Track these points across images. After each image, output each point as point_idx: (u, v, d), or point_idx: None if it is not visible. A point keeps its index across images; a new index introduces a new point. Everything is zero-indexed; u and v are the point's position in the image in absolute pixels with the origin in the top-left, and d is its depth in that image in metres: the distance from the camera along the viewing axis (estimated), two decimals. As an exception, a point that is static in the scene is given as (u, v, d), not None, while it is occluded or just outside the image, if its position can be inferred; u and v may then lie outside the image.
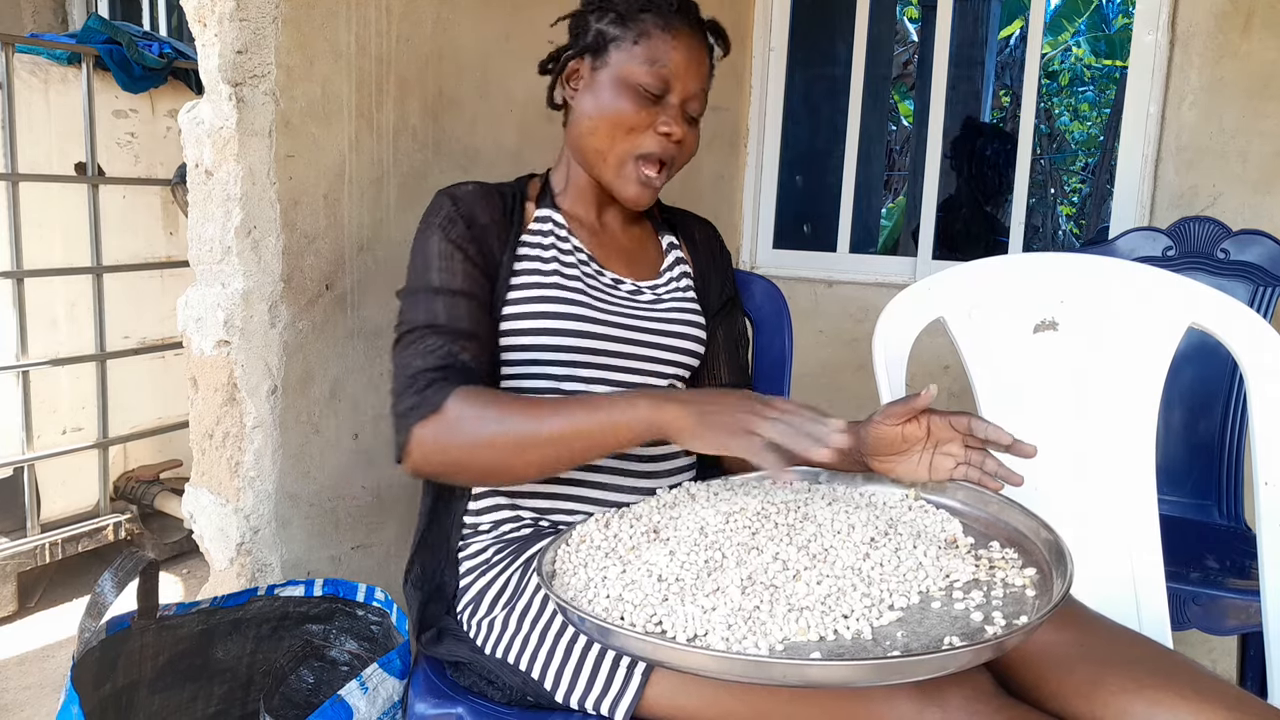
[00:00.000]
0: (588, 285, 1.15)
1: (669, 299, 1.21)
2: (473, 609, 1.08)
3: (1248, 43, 1.93)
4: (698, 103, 1.14)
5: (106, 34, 2.31)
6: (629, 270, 1.21)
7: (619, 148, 1.12)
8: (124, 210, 2.42)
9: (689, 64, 1.11)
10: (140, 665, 1.20)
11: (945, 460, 0.99)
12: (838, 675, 0.71)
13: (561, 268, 1.14)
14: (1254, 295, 1.73)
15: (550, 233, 1.17)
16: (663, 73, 1.10)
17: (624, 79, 1.11)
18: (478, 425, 0.96)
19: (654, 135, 1.12)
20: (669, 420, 0.92)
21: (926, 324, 1.24)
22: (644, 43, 1.11)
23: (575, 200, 1.22)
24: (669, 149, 1.13)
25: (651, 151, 1.12)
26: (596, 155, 1.14)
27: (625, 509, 1.02)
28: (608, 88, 1.12)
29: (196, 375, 1.41)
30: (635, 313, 1.17)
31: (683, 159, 1.17)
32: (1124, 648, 0.89)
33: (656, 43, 1.10)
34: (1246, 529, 1.73)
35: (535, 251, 1.15)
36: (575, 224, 1.21)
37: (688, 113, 1.14)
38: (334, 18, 1.38)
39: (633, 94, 1.11)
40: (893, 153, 9.27)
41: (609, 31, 1.13)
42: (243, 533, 1.37)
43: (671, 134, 1.11)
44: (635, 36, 1.11)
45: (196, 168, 1.37)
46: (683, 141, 1.13)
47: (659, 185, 1.15)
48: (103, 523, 2.40)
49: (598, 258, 1.19)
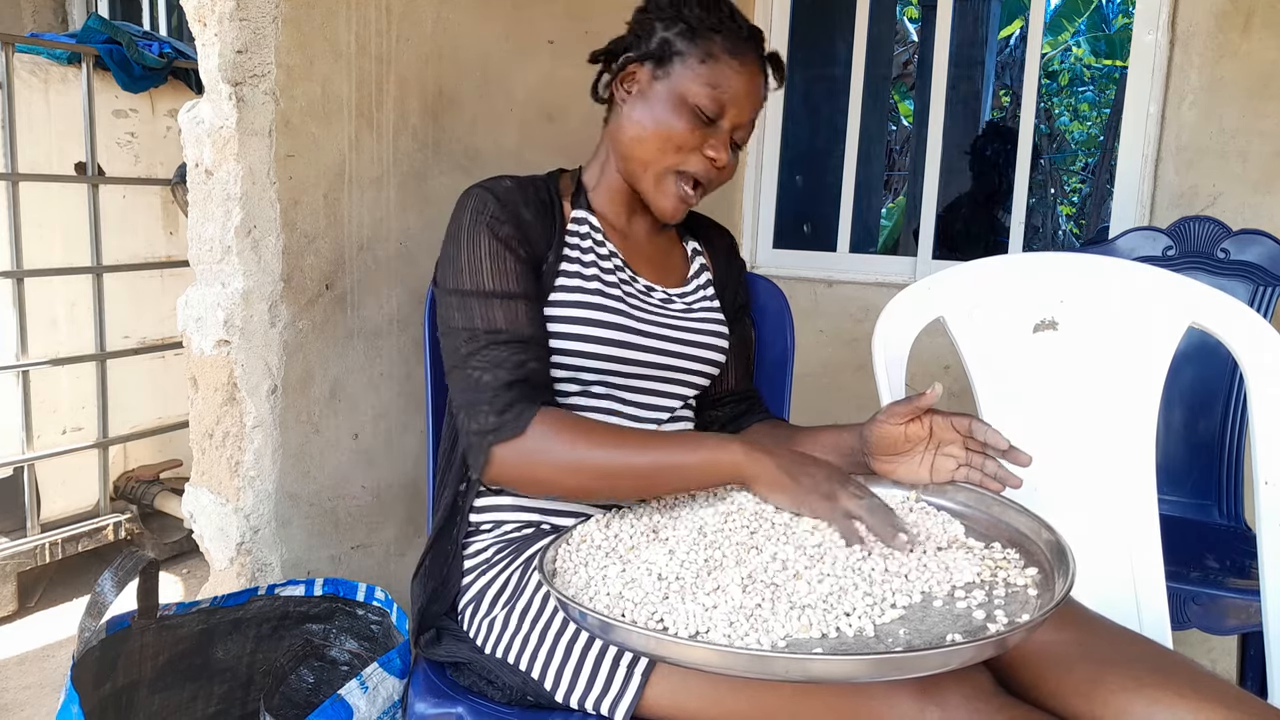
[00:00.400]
0: (625, 294, 1.14)
1: (698, 308, 1.21)
2: (473, 608, 1.08)
3: (1248, 42, 1.92)
4: (745, 132, 1.14)
5: (106, 34, 2.31)
6: (658, 277, 1.21)
7: (664, 162, 1.12)
8: (124, 210, 2.42)
9: (747, 93, 1.11)
10: (140, 665, 1.20)
11: (946, 462, 1.00)
12: (840, 670, 0.71)
13: (601, 273, 1.13)
14: (1254, 295, 1.73)
15: (587, 235, 1.16)
16: (722, 98, 1.09)
17: (682, 96, 1.09)
18: (567, 452, 0.98)
19: (700, 157, 1.11)
20: (759, 471, 0.95)
21: (926, 323, 1.24)
22: (710, 64, 1.09)
23: (607, 201, 1.21)
24: (711, 173, 1.13)
25: (695, 172, 1.12)
26: (640, 165, 1.13)
27: (625, 509, 1.03)
28: (664, 101, 1.10)
29: (196, 375, 1.41)
30: (669, 322, 1.16)
31: (719, 182, 1.17)
32: (1123, 647, 0.89)
33: (722, 67, 1.09)
34: (1246, 529, 1.73)
35: (576, 254, 1.14)
36: (608, 226, 1.20)
37: (734, 139, 1.14)
38: (334, 17, 1.38)
39: (689, 113, 1.10)
40: (893, 153, 9.27)
41: (676, 44, 1.11)
42: (243, 532, 1.37)
43: (717, 160, 1.11)
44: (702, 56, 1.09)
45: (196, 167, 1.37)
46: (725, 168, 1.14)
47: (694, 203, 1.16)
48: (103, 522, 2.40)
49: (629, 263, 1.19)
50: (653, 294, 1.18)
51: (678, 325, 1.17)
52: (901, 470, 1.02)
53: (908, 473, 1.01)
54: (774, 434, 1.18)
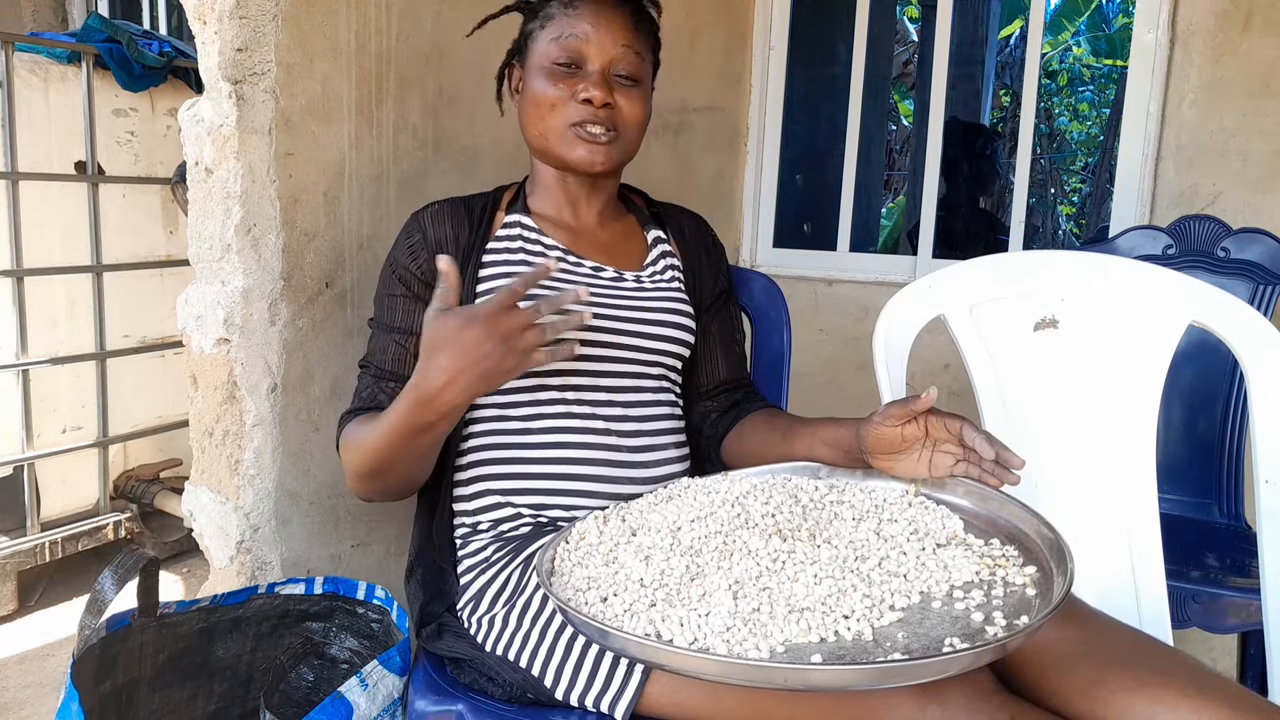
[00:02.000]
0: (562, 276, 1.15)
1: (652, 286, 1.21)
2: (473, 606, 1.08)
3: (1248, 41, 1.93)
4: (626, 63, 1.14)
5: (106, 33, 2.31)
6: (610, 260, 1.21)
7: (550, 125, 1.14)
8: (124, 209, 2.42)
9: (599, 28, 1.12)
10: (140, 663, 1.19)
11: (945, 458, 0.99)
12: (840, 679, 0.71)
13: (530, 261, 1.15)
14: (1254, 294, 1.72)
15: (518, 236, 1.18)
16: (570, 44, 1.12)
17: (540, 64, 1.14)
18: (351, 455, 1.07)
19: (576, 104, 1.12)
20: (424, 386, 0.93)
21: (927, 321, 1.24)
22: (549, 25, 1.14)
23: (546, 200, 1.23)
24: (597, 114, 1.12)
25: (580, 119, 1.13)
26: (539, 141, 1.17)
27: (625, 504, 1.02)
28: (531, 78, 1.15)
29: (196, 373, 1.41)
30: (617, 299, 1.16)
31: (628, 123, 1.15)
32: (1125, 645, 0.89)
33: (560, 20, 1.13)
34: (1247, 527, 1.73)
35: (501, 257, 1.16)
36: (549, 224, 1.21)
37: (618, 77, 1.14)
38: (334, 15, 1.38)
39: (549, 74, 1.13)
40: (893, 152, 9.27)
41: (527, 28, 1.18)
42: (242, 531, 1.37)
43: (591, 98, 1.11)
44: (543, 22, 1.15)
45: (196, 165, 1.37)
46: (611, 105, 1.13)
47: (606, 142, 1.14)
48: (102, 521, 2.40)
49: (576, 250, 1.20)
50: (601, 274, 1.19)
51: (629, 302, 1.17)
52: (900, 467, 1.01)
53: (906, 469, 1.01)
54: (772, 424, 1.18)
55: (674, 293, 1.22)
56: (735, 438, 1.22)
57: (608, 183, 1.23)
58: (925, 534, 0.92)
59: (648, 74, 1.19)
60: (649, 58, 1.19)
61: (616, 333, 1.14)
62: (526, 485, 1.10)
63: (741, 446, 1.20)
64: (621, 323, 1.14)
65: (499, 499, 1.12)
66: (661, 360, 1.18)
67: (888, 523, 0.94)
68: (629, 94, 1.15)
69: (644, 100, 1.17)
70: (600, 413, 1.12)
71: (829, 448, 1.07)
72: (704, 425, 1.26)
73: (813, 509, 0.97)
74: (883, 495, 1.01)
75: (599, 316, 1.13)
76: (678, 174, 2.31)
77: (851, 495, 1.01)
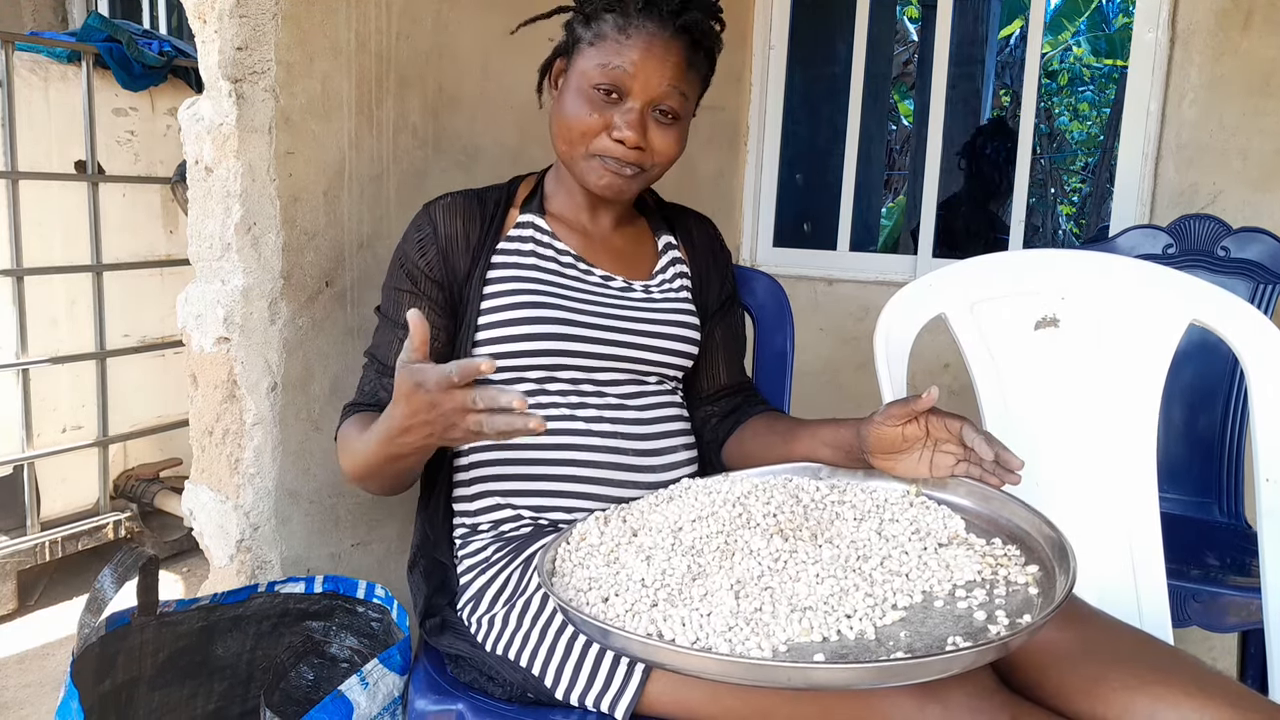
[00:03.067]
0: (570, 282, 1.15)
1: (660, 296, 1.20)
2: (473, 606, 1.08)
3: (1248, 40, 1.92)
4: (671, 100, 1.09)
5: (106, 32, 2.31)
6: (620, 269, 1.20)
7: (578, 148, 1.11)
8: (124, 208, 2.42)
9: (648, 62, 1.06)
10: (140, 661, 1.19)
11: (946, 458, 0.99)
12: (842, 678, 0.71)
13: (541, 270, 1.14)
14: (1254, 293, 1.72)
15: (530, 238, 1.17)
16: (615, 74, 1.07)
17: (581, 81, 1.09)
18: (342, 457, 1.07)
19: (607, 139, 1.09)
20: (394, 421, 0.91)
21: (928, 320, 1.24)
22: (599, 44, 1.08)
23: (565, 201, 1.21)
24: (627, 154, 1.09)
25: (608, 155, 1.09)
26: (564, 154, 1.14)
27: (626, 505, 1.02)
28: (571, 89, 1.11)
29: (196, 372, 1.41)
30: (623, 310, 1.16)
31: (660, 160, 1.12)
32: (1126, 644, 0.89)
33: (610, 44, 1.07)
34: (1247, 527, 1.73)
35: (512, 259, 1.15)
36: (563, 226, 1.20)
37: (658, 112, 1.10)
38: (334, 14, 1.38)
39: (587, 97, 1.08)
40: (893, 152, 9.26)
41: (577, 31, 1.12)
42: (242, 530, 1.37)
43: (625, 139, 1.07)
44: (592, 38, 1.09)
45: (196, 164, 1.36)
46: (642, 146, 1.09)
47: (630, 174, 1.11)
48: (102, 521, 2.40)
49: (587, 258, 1.19)
50: (610, 283, 1.18)
51: (634, 313, 1.16)
52: (901, 467, 1.01)
53: (907, 469, 1.01)
54: (772, 427, 1.18)
55: (681, 302, 1.22)
56: (736, 441, 1.22)
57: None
58: (927, 533, 0.92)
59: (690, 110, 1.15)
60: (696, 93, 1.14)
61: (622, 345, 1.14)
62: (528, 487, 1.10)
63: (742, 450, 1.20)
64: (627, 335, 1.14)
65: (499, 500, 1.11)
66: (665, 370, 1.19)
67: (889, 522, 0.94)
68: (665, 130, 1.11)
69: (680, 137, 1.13)
70: (607, 415, 1.12)
71: (830, 448, 1.07)
72: (705, 430, 1.26)
73: (814, 509, 0.97)
74: (884, 495, 1.01)
75: (605, 329, 1.13)
76: (678, 173, 2.28)
77: (853, 495, 1.01)
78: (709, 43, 1.13)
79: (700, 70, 1.14)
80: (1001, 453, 0.92)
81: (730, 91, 2.46)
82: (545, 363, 1.11)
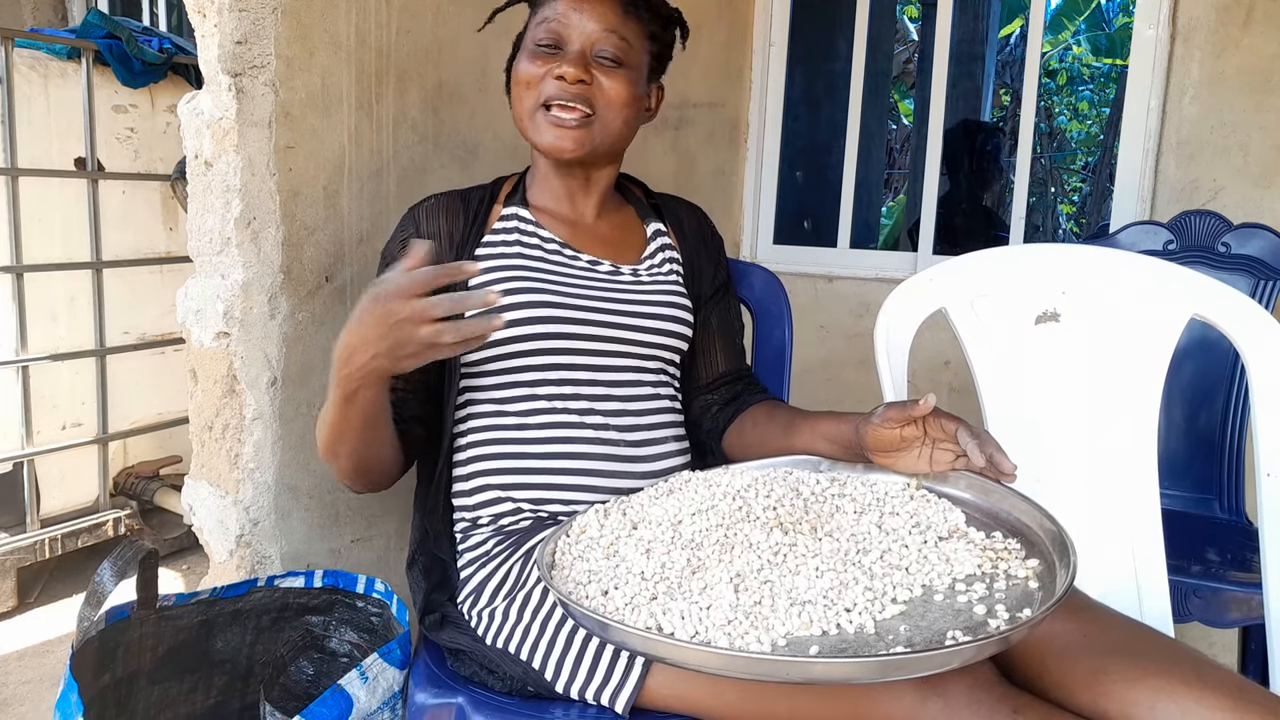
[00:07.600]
0: (557, 268, 1.15)
1: (648, 279, 1.20)
2: (473, 599, 1.07)
3: (1248, 36, 1.92)
4: (610, 44, 1.12)
5: (106, 29, 2.30)
6: (607, 254, 1.21)
7: (526, 104, 1.14)
8: (124, 205, 2.42)
9: (581, 10, 1.12)
10: (140, 655, 1.19)
11: (945, 455, 0.99)
12: (841, 672, 0.70)
13: (526, 258, 1.15)
14: (1255, 289, 1.72)
15: (514, 229, 1.18)
16: (552, 27, 1.13)
17: (526, 47, 1.16)
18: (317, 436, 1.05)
19: (550, 81, 1.12)
20: (344, 340, 0.90)
21: (928, 315, 1.24)
22: (538, 10, 1.16)
23: (544, 192, 1.22)
24: (567, 89, 1.10)
25: (551, 96, 1.12)
26: (519, 123, 1.17)
27: (625, 498, 1.02)
28: (517, 61, 1.17)
29: (196, 367, 1.41)
30: (613, 292, 1.16)
31: (608, 102, 1.13)
32: (1127, 637, 0.89)
33: (547, 5, 1.14)
34: (1247, 522, 1.73)
35: (497, 250, 1.16)
36: (546, 216, 1.21)
37: (600, 58, 1.13)
38: (334, 9, 1.38)
39: (532, 54, 1.14)
40: (893, 151, 9.26)
41: (526, 22, 1.19)
42: (242, 525, 1.37)
43: (565, 75, 1.10)
44: (533, 8, 1.17)
45: (196, 159, 1.36)
46: (587, 82, 1.11)
47: (573, 125, 1.12)
48: (102, 518, 2.40)
49: (573, 244, 1.19)
50: (598, 268, 1.19)
51: (623, 293, 1.16)
52: (901, 464, 1.01)
53: (907, 466, 1.00)
54: (772, 417, 1.17)
55: (672, 285, 1.21)
56: (736, 431, 1.21)
57: (604, 174, 1.22)
58: (927, 527, 0.92)
59: (638, 61, 1.16)
60: (642, 45, 1.17)
61: (614, 326, 1.13)
62: (525, 480, 1.10)
63: (742, 440, 1.20)
64: (618, 316, 1.14)
65: (498, 494, 1.11)
66: (659, 354, 1.18)
67: (889, 516, 0.94)
68: (610, 73, 1.13)
69: (628, 82, 1.14)
70: (598, 407, 1.12)
71: (830, 443, 1.07)
72: (704, 418, 1.26)
73: (814, 502, 0.97)
74: (884, 489, 1.01)
75: (596, 310, 1.13)
76: (678, 170, 2.31)
77: (853, 488, 1.01)
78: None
79: (642, 17, 1.17)
80: (995, 455, 0.91)
81: (731, 88, 2.46)
82: (537, 347, 1.10)
